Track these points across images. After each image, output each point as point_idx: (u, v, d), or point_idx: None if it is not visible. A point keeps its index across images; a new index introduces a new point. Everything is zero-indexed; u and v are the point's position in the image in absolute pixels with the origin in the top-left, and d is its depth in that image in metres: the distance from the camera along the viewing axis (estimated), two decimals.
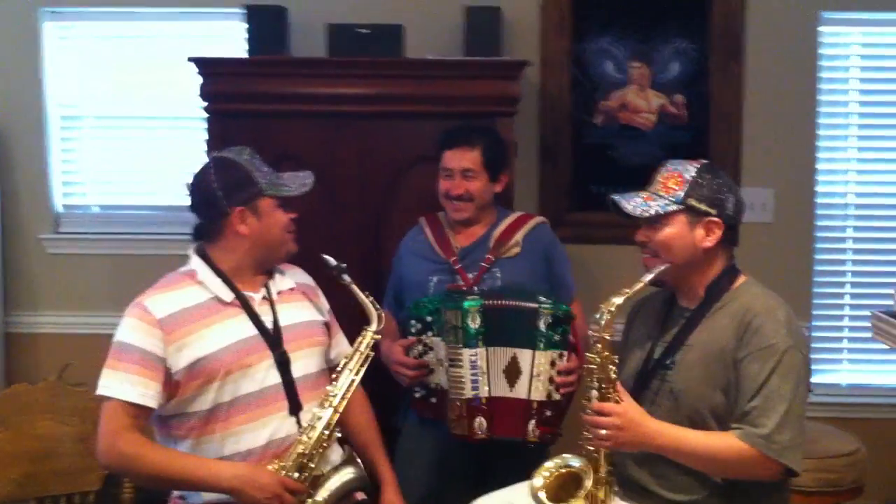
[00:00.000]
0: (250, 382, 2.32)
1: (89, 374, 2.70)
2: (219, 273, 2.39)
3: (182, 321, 2.30)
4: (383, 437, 2.62)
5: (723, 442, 2.18)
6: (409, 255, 3.04)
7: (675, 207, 2.28)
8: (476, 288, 2.85)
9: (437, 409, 2.76)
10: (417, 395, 2.80)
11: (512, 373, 2.69)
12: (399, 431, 3.00)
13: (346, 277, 2.41)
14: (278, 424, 2.34)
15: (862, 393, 3.89)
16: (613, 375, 2.23)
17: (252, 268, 2.42)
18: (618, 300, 2.24)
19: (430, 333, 2.76)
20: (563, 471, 2.25)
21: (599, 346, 2.24)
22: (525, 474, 2.44)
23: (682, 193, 2.28)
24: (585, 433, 2.26)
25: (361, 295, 2.44)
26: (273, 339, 2.37)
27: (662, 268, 2.28)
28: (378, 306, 2.46)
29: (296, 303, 2.48)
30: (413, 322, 2.79)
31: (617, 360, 2.26)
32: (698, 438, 2.21)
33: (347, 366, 2.39)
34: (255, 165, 2.40)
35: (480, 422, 2.66)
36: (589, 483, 2.19)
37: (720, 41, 3.70)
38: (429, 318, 2.76)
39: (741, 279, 2.35)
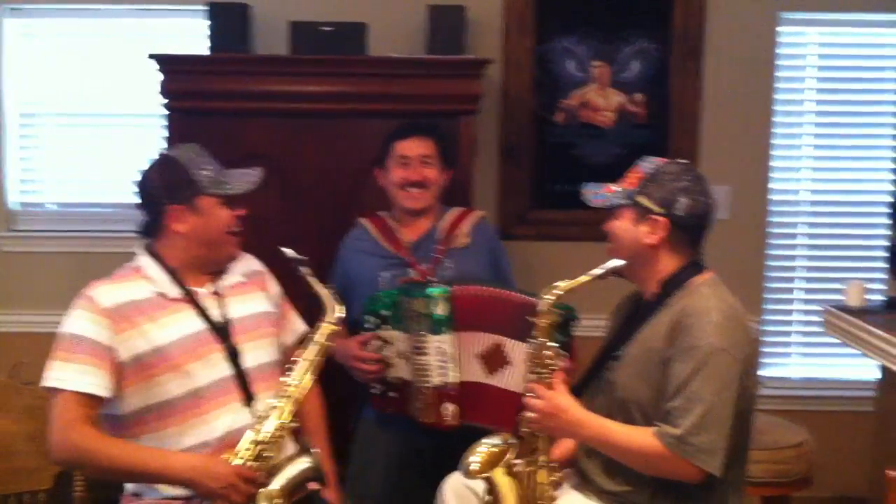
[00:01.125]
0: (200, 376, 2.31)
1: (41, 373, 2.69)
2: (167, 269, 2.39)
3: (128, 313, 2.29)
4: (335, 438, 2.62)
5: (641, 438, 2.19)
6: (354, 253, 3.03)
7: (623, 201, 2.33)
8: (429, 278, 2.85)
9: (398, 402, 2.77)
10: (375, 391, 2.81)
11: (493, 360, 2.70)
12: (351, 433, 2.99)
13: (305, 269, 2.40)
14: (233, 417, 2.33)
15: (812, 386, 3.97)
16: (549, 362, 2.27)
17: (196, 266, 2.42)
18: (557, 291, 2.27)
19: (386, 327, 2.76)
20: (494, 449, 2.30)
21: (537, 333, 2.28)
22: None
23: (634, 189, 2.32)
24: (522, 415, 2.30)
25: (319, 286, 2.43)
26: (222, 331, 2.37)
27: (611, 265, 2.29)
28: (338, 297, 2.43)
29: (246, 295, 2.48)
30: (368, 317, 2.78)
31: (556, 347, 2.29)
32: (621, 432, 2.23)
33: (304, 356, 2.37)
34: (198, 163, 2.38)
35: (449, 407, 2.69)
36: (509, 456, 2.25)
37: (681, 41, 3.75)
38: (385, 313, 2.76)
39: (701, 278, 2.33)
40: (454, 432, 2.71)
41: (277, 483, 2.26)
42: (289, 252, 2.41)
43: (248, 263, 2.56)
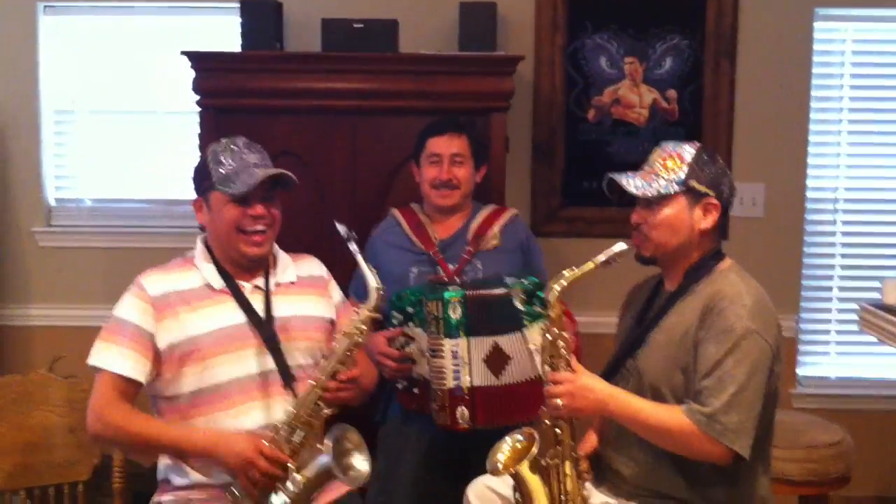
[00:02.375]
0: (229, 370, 2.33)
1: (80, 367, 2.73)
2: (215, 260, 2.41)
3: (172, 302, 2.34)
4: (361, 434, 2.61)
5: (669, 414, 2.20)
6: (385, 247, 3.01)
7: (677, 188, 2.29)
8: (457, 279, 2.86)
9: (419, 400, 2.78)
10: (400, 386, 2.81)
11: (496, 362, 2.70)
12: (378, 426, 2.99)
13: (353, 246, 2.37)
14: (258, 413, 2.34)
15: (850, 385, 3.93)
16: (563, 351, 2.26)
17: (227, 260, 2.42)
18: (563, 281, 2.27)
19: (411, 325, 2.77)
20: (518, 445, 2.30)
21: (548, 322, 2.28)
22: None
23: (683, 174, 2.29)
24: (543, 408, 2.30)
25: (365, 266, 2.36)
26: (263, 326, 2.37)
27: (618, 249, 2.27)
28: (379, 283, 2.37)
29: (296, 296, 2.47)
30: (394, 313, 2.79)
31: (567, 336, 2.27)
32: (649, 408, 2.23)
33: (341, 341, 2.32)
34: (219, 158, 2.38)
35: (462, 412, 2.68)
36: (535, 449, 2.23)
37: (714, 37, 3.72)
38: (410, 310, 2.77)
39: (724, 264, 2.35)
40: (476, 433, 2.71)
41: (304, 474, 2.23)
42: (341, 227, 2.38)
43: (308, 266, 2.54)
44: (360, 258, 2.37)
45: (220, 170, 2.37)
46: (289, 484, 2.22)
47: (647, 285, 2.51)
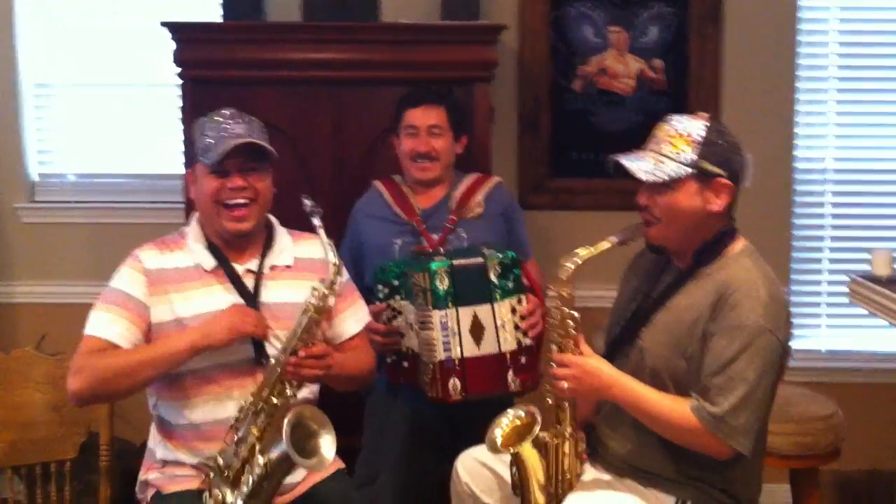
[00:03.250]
0: (218, 353, 2.29)
1: (66, 344, 2.72)
2: (208, 240, 2.38)
3: (164, 279, 2.33)
4: (348, 408, 2.59)
5: (676, 408, 2.16)
6: (367, 220, 3.00)
7: (687, 171, 2.18)
8: (441, 249, 2.83)
9: (409, 373, 2.76)
10: (389, 360, 2.79)
11: (477, 331, 2.68)
12: (363, 401, 2.98)
13: (317, 221, 2.33)
14: (236, 402, 2.30)
15: (841, 358, 3.90)
16: (572, 331, 2.23)
17: (217, 237, 2.39)
18: (577, 259, 2.23)
19: (397, 297, 2.74)
20: (518, 422, 2.29)
21: (558, 301, 2.24)
22: None
23: (693, 155, 2.18)
24: (546, 386, 2.28)
25: (325, 241, 2.32)
26: None
27: (634, 230, 2.26)
28: (338, 257, 2.32)
29: (290, 281, 2.41)
30: (380, 287, 2.77)
31: (576, 316, 2.24)
32: (654, 397, 2.19)
33: (299, 320, 2.26)
34: (205, 129, 2.35)
35: (455, 383, 2.66)
36: (537, 428, 2.22)
37: (698, 4, 3.68)
38: (395, 282, 2.75)
39: (737, 246, 2.27)
40: (465, 405, 2.70)
41: (265, 458, 2.18)
42: (307, 201, 2.35)
43: (309, 247, 2.47)
44: (321, 233, 2.32)
45: (202, 141, 2.35)
46: (255, 467, 2.18)
47: (654, 255, 2.40)
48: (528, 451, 2.24)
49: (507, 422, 2.30)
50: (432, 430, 2.87)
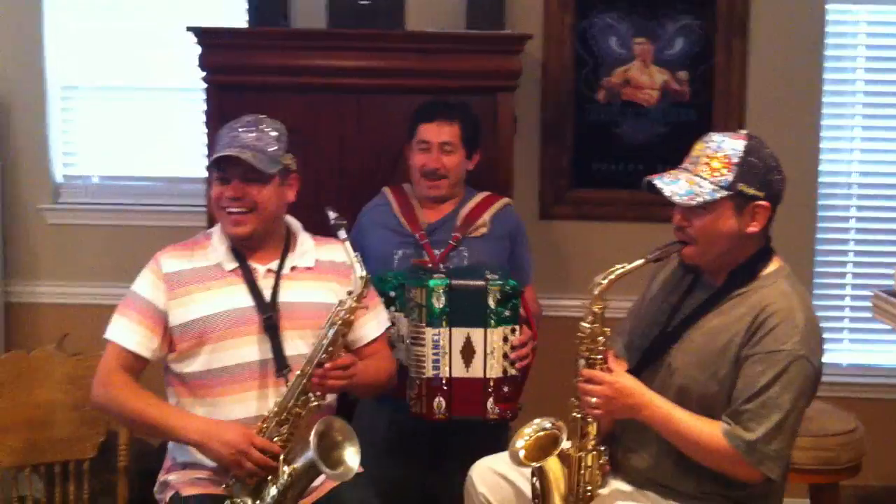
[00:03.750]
0: (234, 354, 2.33)
1: (88, 344, 2.74)
2: (229, 240, 2.41)
3: (184, 280, 2.36)
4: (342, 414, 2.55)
5: (708, 432, 2.14)
6: (373, 227, 2.99)
7: (723, 194, 2.14)
8: (441, 266, 2.82)
9: (397, 385, 2.70)
10: None
11: (468, 353, 2.68)
12: (355, 404, 2.96)
13: (342, 234, 2.35)
14: (255, 402, 2.33)
15: (862, 373, 3.88)
16: (602, 347, 2.22)
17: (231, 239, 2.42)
18: (612, 276, 2.22)
19: (392, 309, 2.73)
20: (542, 434, 2.27)
21: (590, 318, 2.23)
22: (481, 452, 2.50)
23: (730, 178, 2.14)
24: (573, 400, 2.26)
25: (352, 254, 2.34)
26: (265, 313, 2.35)
27: (665, 250, 2.24)
28: (364, 271, 2.34)
29: (309, 282, 2.43)
30: None
31: (608, 333, 2.24)
32: (686, 420, 2.17)
33: (326, 333, 2.28)
34: (222, 134, 2.38)
35: (440, 402, 2.66)
36: (563, 440, 2.21)
37: (725, 17, 3.67)
38: (392, 294, 2.74)
39: (772, 266, 2.24)
40: (450, 423, 2.70)
41: (290, 468, 2.21)
42: (331, 213, 2.38)
43: (332, 251, 2.49)
44: (347, 246, 2.34)
45: (217, 147, 2.38)
46: (280, 476, 2.20)
47: (684, 268, 2.36)
48: (553, 464, 2.23)
49: (530, 432, 2.28)
50: (415, 446, 2.87)
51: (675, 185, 2.18)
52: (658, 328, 2.33)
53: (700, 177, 2.16)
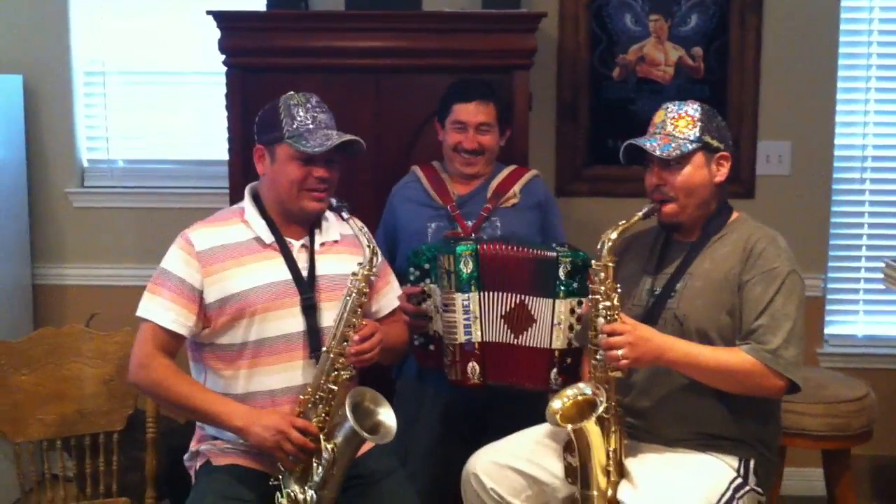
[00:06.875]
0: (277, 325, 2.38)
1: (114, 324, 2.80)
2: (265, 215, 2.45)
3: (219, 256, 2.38)
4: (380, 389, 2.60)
5: (731, 356, 2.28)
6: (404, 203, 3.03)
7: (694, 146, 2.40)
8: (474, 235, 2.86)
9: (435, 356, 2.78)
10: (417, 342, 2.81)
11: (518, 321, 2.71)
12: (394, 384, 3.01)
13: (345, 214, 2.44)
14: (301, 371, 2.39)
15: (877, 344, 3.91)
16: (616, 302, 2.31)
17: (280, 213, 2.46)
18: (614, 232, 2.35)
19: (428, 281, 2.77)
20: (580, 398, 2.33)
21: (602, 275, 2.32)
22: (523, 423, 2.53)
23: (697, 132, 2.41)
24: (595, 360, 2.33)
25: (357, 230, 2.44)
26: (305, 285, 2.41)
27: (649, 209, 2.42)
28: (373, 243, 2.43)
29: (338, 255, 2.50)
30: (412, 270, 2.79)
31: (619, 288, 2.33)
32: (708, 352, 2.31)
33: (344, 303, 2.37)
34: (293, 112, 2.41)
35: (473, 367, 2.69)
36: (601, 407, 2.26)
37: None
38: (426, 266, 2.77)
39: (735, 215, 2.50)
40: (490, 391, 2.73)
41: (333, 442, 2.28)
42: (333, 201, 2.46)
43: (352, 225, 2.53)
44: (352, 222, 2.44)
45: (294, 124, 2.41)
46: (322, 455, 2.27)
47: (646, 237, 2.58)
48: (593, 427, 2.27)
49: (571, 394, 2.35)
50: (462, 418, 2.91)
51: (654, 143, 2.42)
52: (647, 294, 2.46)
53: (672, 136, 2.42)
